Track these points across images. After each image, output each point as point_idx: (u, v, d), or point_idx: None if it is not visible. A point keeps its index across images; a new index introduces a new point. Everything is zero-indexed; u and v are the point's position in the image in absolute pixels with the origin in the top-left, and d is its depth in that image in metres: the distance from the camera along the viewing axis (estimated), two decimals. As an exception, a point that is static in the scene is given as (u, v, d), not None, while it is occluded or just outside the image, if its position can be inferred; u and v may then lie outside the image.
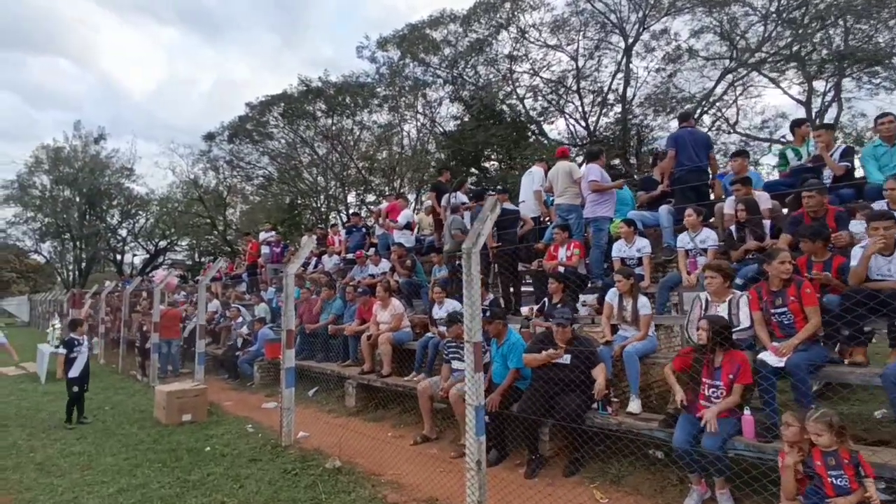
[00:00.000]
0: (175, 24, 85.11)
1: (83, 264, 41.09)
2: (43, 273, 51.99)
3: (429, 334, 6.67)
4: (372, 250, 10.14)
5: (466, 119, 24.10)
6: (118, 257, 42.80)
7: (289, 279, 5.95)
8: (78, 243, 40.71)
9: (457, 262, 7.61)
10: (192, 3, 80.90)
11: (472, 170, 24.35)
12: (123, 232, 42.29)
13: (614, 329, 5.07)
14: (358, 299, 8.05)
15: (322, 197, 30.99)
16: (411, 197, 23.08)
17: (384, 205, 11.18)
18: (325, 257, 12.04)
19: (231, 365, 9.90)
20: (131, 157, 40.75)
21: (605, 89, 21.16)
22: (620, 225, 6.08)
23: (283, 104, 27.71)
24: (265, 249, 14.07)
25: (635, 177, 15.12)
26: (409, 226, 9.97)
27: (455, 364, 5.46)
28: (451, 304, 6.55)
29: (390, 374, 6.73)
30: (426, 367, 6.35)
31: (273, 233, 14.96)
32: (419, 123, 26.42)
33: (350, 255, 10.77)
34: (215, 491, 4.28)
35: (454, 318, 5.38)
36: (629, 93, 20.47)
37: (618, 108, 21.24)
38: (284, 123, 28.77)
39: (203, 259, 40.03)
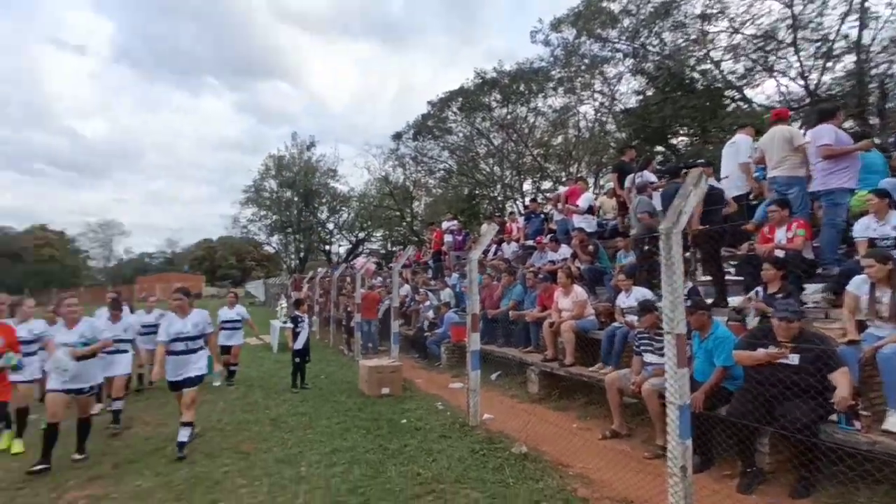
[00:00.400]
0: (366, 39, 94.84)
1: (302, 253, 48.57)
2: (273, 261, 62.87)
3: (616, 324, 6.26)
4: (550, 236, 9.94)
5: (650, 93, 22.11)
6: (327, 247, 49.44)
7: (472, 265, 6.10)
8: (297, 236, 48.15)
9: (644, 248, 6.99)
10: (379, 18, 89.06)
11: (659, 147, 22.30)
12: (331, 225, 48.69)
13: (861, 326, 4.10)
14: (538, 286, 7.95)
15: (498, 186, 31.57)
16: (589, 182, 22.11)
17: (563, 189, 10.86)
18: (504, 245, 12.20)
19: (421, 345, 10.66)
20: (335, 160, 46.82)
21: (832, 37, 17.41)
22: (869, 197, 4.85)
23: (460, 98, 28.80)
24: (448, 238, 14.82)
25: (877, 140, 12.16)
26: (590, 210, 9.52)
27: (647, 357, 5.02)
28: (639, 293, 6.05)
29: (573, 363, 6.50)
30: (613, 358, 5.96)
31: (455, 222, 15.67)
32: (597, 103, 25.13)
33: (529, 242, 10.71)
34: (411, 461, 4.59)
35: (647, 307, 4.93)
36: (866, 37, 16.52)
37: (849, 59, 17.33)
38: (462, 117, 29.93)
39: (394, 248, 44.09)
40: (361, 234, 47.53)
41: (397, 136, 33.36)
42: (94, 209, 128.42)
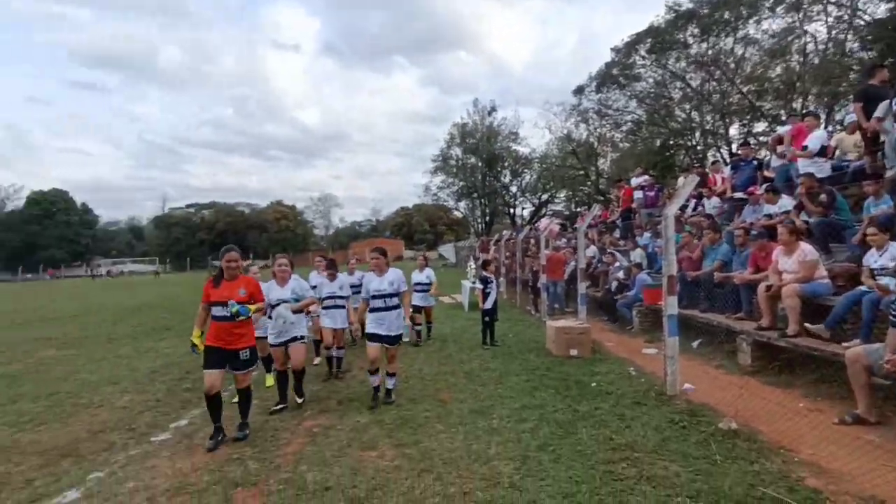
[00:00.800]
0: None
1: (487, 217, 50.19)
2: (462, 225, 66.31)
3: (861, 288, 5.11)
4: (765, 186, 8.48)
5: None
6: (511, 210, 50.22)
7: (667, 222, 5.52)
8: (482, 200, 49.81)
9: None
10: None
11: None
12: (514, 188, 49.23)
13: None
14: (751, 244, 6.90)
15: (697, 134, 28.05)
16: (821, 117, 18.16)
17: (785, 129, 9.13)
18: (704, 199, 10.86)
19: (610, 307, 10.21)
20: (516, 123, 46.76)
21: None
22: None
23: (649, 40, 26.08)
24: (638, 195, 13.76)
25: None
26: (822, 151, 7.84)
27: (910, 330, 3.99)
28: (897, 249, 4.82)
29: (798, 333, 5.53)
30: (863, 330, 4.89)
31: (645, 177, 14.44)
32: (831, 19, 20.36)
33: (738, 194, 9.33)
34: (603, 425, 4.45)
35: (910, 268, 3.90)
36: None
37: None
38: (651, 60, 27.10)
39: (578, 209, 42.79)
40: (544, 196, 47.09)
41: (579, 91, 31.78)
42: (315, 185, 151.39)
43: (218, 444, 4.35)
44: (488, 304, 8.31)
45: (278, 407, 5.36)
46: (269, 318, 5.48)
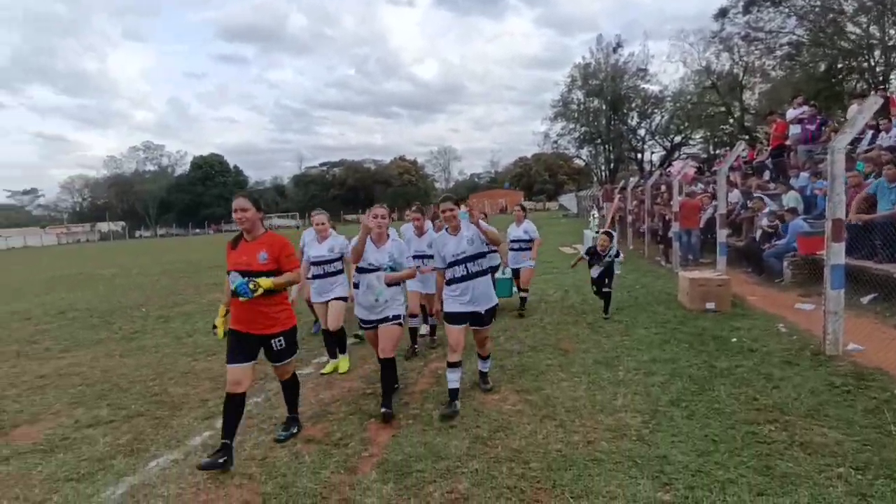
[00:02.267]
0: None
1: (611, 164, 47.38)
2: (583, 174, 63.50)
3: None
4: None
5: None
6: (638, 156, 46.89)
7: (835, 157, 4.69)
8: (606, 146, 47.01)
9: None
10: None
11: None
12: (642, 132, 45.72)
13: None
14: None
15: (877, 53, 23.38)
16: None
17: None
18: (882, 133, 9.09)
19: (755, 258, 9.16)
20: (645, 59, 42.78)
21: None
22: None
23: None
24: (794, 129, 11.93)
25: None
26: None
27: None
28: None
29: None
30: None
31: (805, 108, 12.40)
32: None
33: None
34: (744, 384, 4.06)
35: None
36: None
37: None
38: (819, -35, 22.75)
39: (717, 151, 38.52)
40: (677, 138, 43.15)
41: (722, 14, 28.02)
42: (434, 139, 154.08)
43: (216, 465, 3.12)
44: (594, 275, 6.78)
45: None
46: (356, 286, 4.27)
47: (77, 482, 3.18)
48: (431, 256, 4.41)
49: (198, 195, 73.22)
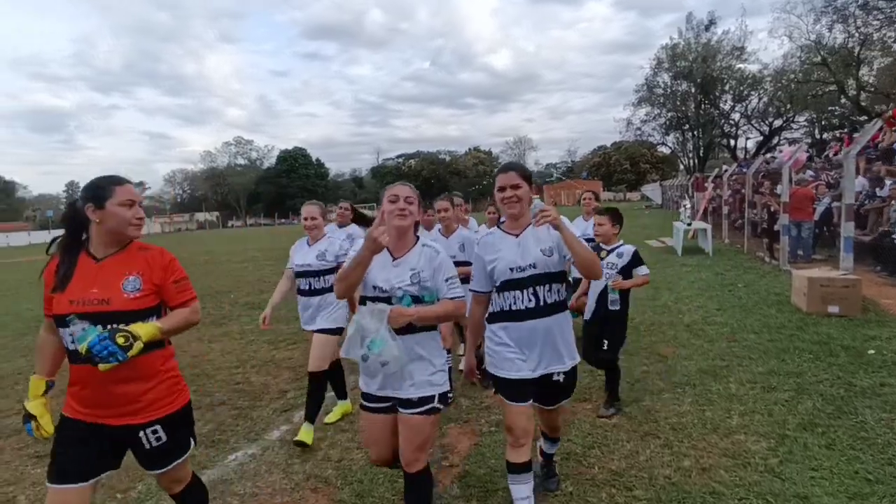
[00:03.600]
0: None
1: (701, 151, 44.19)
2: (668, 162, 59.99)
3: None
4: None
5: None
6: (731, 142, 43.38)
7: None
8: (695, 132, 43.90)
9: None
10: None
11: None
12: (736, 116, 42.22)
13: None
14: None
15: None
16: None
17: None
18: None
19: (888, 255, 7.96)
20: (742, 36, 39.21)
21: None
22: None
23: None
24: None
25: None
26: None
27: None
28: None
29: None
30: None
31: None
32: None
33: None
34: None
35: None
36: None
37: None
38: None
39: (825, 135, 34.72)
40: (777, 122, 39.38)
41: (838, -20, 24.92)
42: (509, 130, 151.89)
43: None
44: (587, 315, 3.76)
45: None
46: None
47: (160, 472, 3.18)
48: (465, 263, 3.14)
49: (283, 187, 77.01)
